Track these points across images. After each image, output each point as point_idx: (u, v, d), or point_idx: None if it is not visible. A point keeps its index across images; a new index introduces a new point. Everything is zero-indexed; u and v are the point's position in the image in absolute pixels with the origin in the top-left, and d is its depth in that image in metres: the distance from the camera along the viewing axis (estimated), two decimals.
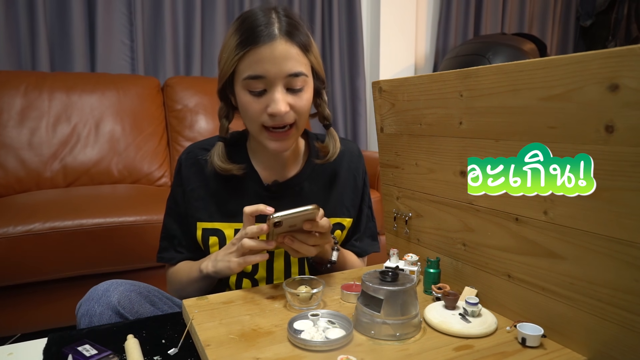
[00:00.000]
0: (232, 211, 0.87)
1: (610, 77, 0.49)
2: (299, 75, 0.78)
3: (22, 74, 1.87)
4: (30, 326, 1.40)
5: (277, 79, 0.77)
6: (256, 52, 0.76)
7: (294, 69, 0.77)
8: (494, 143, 0.65)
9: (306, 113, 0.83)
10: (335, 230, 0.94)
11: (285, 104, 0.78)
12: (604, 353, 0.53)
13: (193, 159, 0.90)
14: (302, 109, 0.81)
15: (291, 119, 0.80)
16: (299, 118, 0.81)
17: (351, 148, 0.98)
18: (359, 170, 0.98)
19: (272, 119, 0.79)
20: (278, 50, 0.76)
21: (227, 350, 0.57)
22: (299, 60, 0.79)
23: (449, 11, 2.91)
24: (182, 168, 0.91)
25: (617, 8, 3.35)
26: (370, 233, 1.02)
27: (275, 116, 0.78)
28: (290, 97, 0.79)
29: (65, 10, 2.03)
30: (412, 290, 0.62)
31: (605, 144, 0.50)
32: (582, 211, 0.54)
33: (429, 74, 0.76)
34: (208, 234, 0.87)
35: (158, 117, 2.08)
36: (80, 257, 1.37)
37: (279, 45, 0.76)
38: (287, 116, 0.79)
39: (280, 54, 0.76)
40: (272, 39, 0.76)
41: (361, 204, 0.99)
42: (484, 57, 2.30)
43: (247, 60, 0.77)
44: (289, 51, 0.77)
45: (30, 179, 1.75)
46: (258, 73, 0.76)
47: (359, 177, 0.98)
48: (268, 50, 0.76)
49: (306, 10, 2.61)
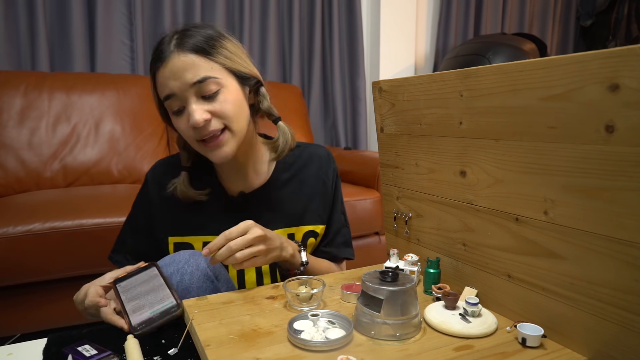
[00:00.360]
0: (200, 224, 0.89)
1: (611, 77, 0.49)
2: (203, 80, 0.76)
3: (22, 74, 1.87)
4: (30, 326, 1.40)
5: (185, 91, 0.77)
6: (160, 73, 0.78)
7: (195, 77, 0.76)
8: (494, 143, 0.65)
9: (235, 115, 0.80)
10: (309, 238, 0.94)
11: (201, 112, 0.77)
12: (604, 353, 0.53)
13: (159, 176, 0.92)
14: (225, 112, 0.78)
15: (217, 125, 0.79)
16: (228, 122, 0.79)
17: (320, 152, 0.97)
18: (329, 174, 0.97)
19: (197, 132, 0.79)
20: (175, 64, 0.76)
21: (227, 350, 0.57)
22: (200, 65, 0.77)
23: (449, 11, 2.91)
24: (148, 184, 0.93)
25: (617, 8, 3.35)
26: (344, 240, 1.00)
27: (197, 128, 0.78)
28: (208, 105, 0.78)
29: (65, 10, 2.03)
30: (412, 290, 0.62)
31: (605, 144, 0.50)
32: (582, 211, 0.54)
33: (429, 74, 0.76)
34: (179, 248, 0.89)
35: (158, 117, 2.07)
36: (80, 257, 1.37)
37: (173, 60, 0.76)
38: (209, 124, 0.78)
39: (178, 67, 0.76)
40: (166, 55, 0.77)
41: (332, 210, 0.98)
42: (484, 57, 2.30)
43: (157, 84, 0.80)
44: (185, 62, 0.76)
45: (30, 179, 1.75)
46: (167, 93, 0.78)
47: (328, 181, 0.96)
48: (166, 68, 0.77)
49: (306, 10, 2.61)
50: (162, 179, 0.91)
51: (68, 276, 1.38)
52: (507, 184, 0.64)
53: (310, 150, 0.97)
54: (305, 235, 0.94)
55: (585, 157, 0.53)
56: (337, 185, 0.99)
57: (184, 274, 0.74)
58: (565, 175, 0.55)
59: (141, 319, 0.65)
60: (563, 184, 0.56)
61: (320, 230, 0.95)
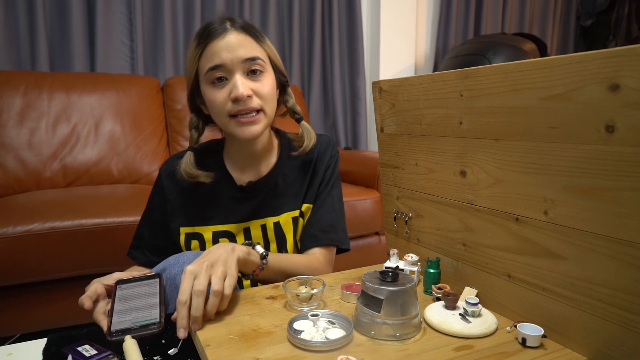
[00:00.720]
0: (209, 215, 0.92)
1: (611, 77, 0.49)
2: (255, 59, 0.83)
3: (21, 74, 1.87)
4: (30, 326, 1.40)
5: (235, 65, 0.81)
6: (212, 45, 0.82)
7: (249, 54, 0.82)
8: (494, 143, 0.65)
9: (271, 99, 0.86)
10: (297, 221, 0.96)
11: (246, 87, 0.81)
12: (604, 353, 0.53)
13: (171, 170, 0.93)
14: (265, 93, 0.84)
15: (256, 104, 0.82)
16: (265, 104, 0.84)
17: (322, 139, 1.00)
18: (325, 156, 0.98)
19: (236, 105, 0.81)
20: (231, 39, 0.82)
21: (227, 350, 0.57)
22: (253, 46, 0.84)
23: (449, 11, 2.91)
24: (161, 178, 0.96)
25: (617, 8, 3.35)
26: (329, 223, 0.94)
27: (239, 100, 0.81)
28: (252, 83, 0.83)
29: (65, 10, 2.03)
30: (412, 291, 0.62)
31: (605, 144, 0.50)
32: (582, 211, 0.54)
33: (429, 74, 0.76)
34: (190, 238, 0.92)
35: (158, 117, 2.08)
36: (80, 257, 1.37)
37: (232, 36, 0.82)
38: (250, 100, 0.82)
39: (234, 43, 0.81)
40: (224, 31, 0.82)
41: (320, 190, 0.96)
42: (484, 57, 2.30)
43: (205, 55, 0.83)
44: (243, 39, 0.83)
45: (30, 179, 1.75)
46: (216, 63, 0.81)
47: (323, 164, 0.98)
48: (222, 41, 0.81)
49: (306, 10, 2.61)
50: (173, 172, 0.93)
51: (68, 276, 1.38)
52: (507, 184, 0.64)
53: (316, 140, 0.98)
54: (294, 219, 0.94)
55: (586, 157, 0.53)
56: (333, 171, 0.99)
57: None
58: (566, 175, 0.55)
59: (120, 326, 0.63)
60: (563, 184, 0.56)
61: (305, 209, 0.95)
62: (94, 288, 0.73)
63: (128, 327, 0.63)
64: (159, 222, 0.95)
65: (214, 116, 0.87)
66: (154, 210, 0.97)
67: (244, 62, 0.82)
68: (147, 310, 0.66)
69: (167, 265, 0.77)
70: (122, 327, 0.63)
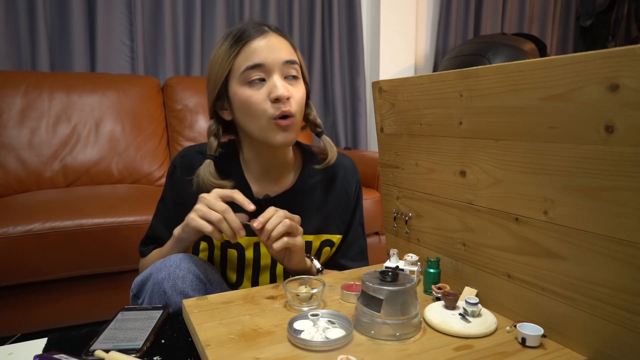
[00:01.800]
0: None
1: (610, 77, 0.49)
2: (294, 62, 0.82)
3: (22, 74, 1.87)
4: (30, 326, 1.40)
5: (275, 65, 0.79)
6: (251, 44, 0.79)
7: (290, 56, 0.81)
8: (494, 143, 0.65)
9: (302, 108, 0.85)
10: (325, 247, 0.93)
11: (287, 88, 0.79)
12: (604, 353, 0.53)
13: (188, 164, 0.89)
14: (299, 100, 0.82)
15: (293, 108, 0.80)
16: (297, 111, 0.82)
17: (346, 162, 0.97)
18: (352, 185, 0.96)
19: (276, 106, 0.79)
20: (272, 40, 0.80)
21: (227, 350, 0.57)
22: (292, 51, 0.83)
23: (449, 11, 2.91)
24: (176, 171, 0.90)
25: (617, 8, 3.35)
26: (359, 251, 0.99)
27: (280, 100, 0.78)
28: (289, 86, 0.81)
29: (65, 10, 2.03)
30: (412, 290, 0.62)
31: (605, 144, 0.50)
32: (582, 211, 0.54)
33: (429, 74, 0.76)
34: (199, 239, 0.88)
35: (158, 117, 2.08)
36: (80, 257, 1.37)
37: (273, 37, 0.80)
38: (289, 103, 0.80)
39: (274, 44, 0.80)
40: (264, 32, 0.80)
41: (351, 220, 0.97)
42: (484, 57, 2.30)
43: (243, 54, 0.80)
44: (283, 42, 0.82)
45: (30, 179, 1.75)
46: (256, 62, 0.79)
47: (351, 192, 0.96)
48: (263, 41, 0.79)
49: (306, 10, 2.61)
50: (189, 166, 0.88)
51: (68, 276, 1.38)
52: (507, 184, 0.64)
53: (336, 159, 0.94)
54: (322, 243, 0.93)
55: (585, 157, 0.53)
56: (358, 197, 0.98)
57: (176, 279, 0.73)
58: (565, 175, 0.56)
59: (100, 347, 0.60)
60: (563, 184, 0.56)
61: (336, 240, 0.94)
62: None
63: (107, 349, 0.59)
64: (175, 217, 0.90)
65: (249, 119, 0.81)
66: (168, 205, 0.92)
67: (284, 64, 0.80)
68: (134, 336, 0.64)
69: (154, 270, 0.76)
70: (102, 347, 0.60)
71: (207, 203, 0.74)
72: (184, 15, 2.29)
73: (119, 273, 1.45)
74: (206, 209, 0.74)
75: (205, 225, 0.73)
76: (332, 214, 0.93)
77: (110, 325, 0.67)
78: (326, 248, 0.93)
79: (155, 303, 0.74)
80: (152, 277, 0.76)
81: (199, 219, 0.74)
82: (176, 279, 0.73)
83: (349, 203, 0.96)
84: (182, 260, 0.76)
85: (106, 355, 0.57)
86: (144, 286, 0.78)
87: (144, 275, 0.78)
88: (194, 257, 0.78)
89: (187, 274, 0.74)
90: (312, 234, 0.91)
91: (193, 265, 0.76)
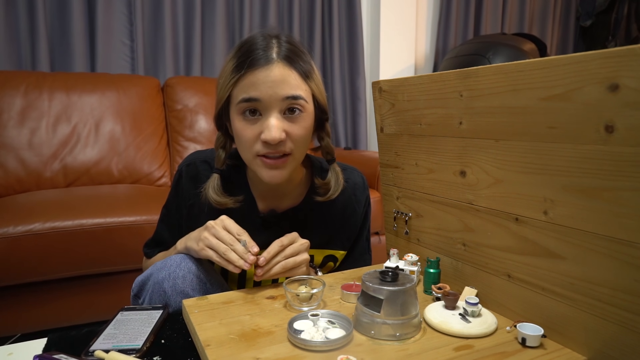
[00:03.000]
0: None
1: (610, 77, 0.49)
2: (297, 98, 0.74)
3: (22, 74, 1.87)
4: (30, 326, 1.40)
5: (273, 102, 0.73)
6: (252, 75, 0.73)
7: (291, 92, 0.74)
8: (494, 143, 0.65)
9: (305, 143, 0.79)
10: (328, 262, 0.92)
11: (280, 130, 0.73)
12: (604, 353, 0.53)
13: (194, 174, 0.87)
14: (299, 137, 0.76)
15: (287, 148, 0.76)
16: (296, 148, 0.77)
17: (355, 179, 0.94)
18: (361, 203, 0.94)
19: (265, 147, 0.75)
20: (275, 73, 0.73)
21: (227, 350, 0.57)
22: (297, 85, 0.75)
23: (449, 11, 2.91)
24: (182, 180, 0.89)
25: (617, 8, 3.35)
26: (365, 265, 0.97)
27: (269, 144, 0.74)
28: (287, 124, 0.75)
29: (65, 10, 2.03)
30: (412, 290, 0.62)
31: (605, 144, 0.50)
32: (582, 211, 0.54)
33: (429, 74, 0.76)
34: None
35: (158, 117, 2.08)
36: (80, 257, 1.37)
37: (276, 69, 0.73)
38: (282, 144, 0.75)
39: (277, 77, 0.73)
40: (269, 62, 0.73)
41: (358, 237, 0.96)
42: (484, 57, 2.30)
43: (242, 83, 0.74)
44: (288, 75, 0.74)
45: (30, 179, 1.75)
46: (252, 96, 0.73)
47: (360, 209, 0.94)
48: (264, 73, 0.73)
49: (306, 10, 2.61)
50: (195, 176, 0.87)
51: (68, 276, 1.38)
52: (507, 184, 0.64)
53: (346, 174, 0.92)
54: (325, 258, 0.92)
55: (585, 157, 0.53)
56: (367, 213, 0.96)
57: (176, 279, 0.73)
58: (565, 175, 0.56)
59: (100, 347, 0.60)
60: (563, 184, 0.56)
61: (340, 255, 0.93)
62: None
63: (107, 349, 0.59)
64: (179, 225, 0.90)
65: (239, 149, 0.80)
66: (173, 212, 0.91)
67: (284, 100, 0.73)
68: (134, 336, 0.63)
69: (154, 270, 0.76)
70: (102, 347, 0.60)
71: (215, 233, 0.74)
72: (184, 15, 2.29)
73: (119, 273, 1.45)
74: (214, 241, 0.73)
75: (212, 255, 0.73)
76: (338, 231, 0.92)
77: (110, 325, 0.67)
78: (329, 263, 0.93)
79: (156, 303, 0.74)
80: (152, 276, 0.76)
81: (207, 249, 0.73)
82: (176, 279, 0.73)
83: (357, 221, 0.94)
84: (182, 260, 0.76)
85: (106, 356, 0.56)
86: (144, 286, 0.78)
87: (144, 275, 0.78)
88: (195, 257, 0.78)
89: (187, 274, 0.74)
90: (316, 249, 0.90)
91: (193, 265, 0.76)
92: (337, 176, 0.86)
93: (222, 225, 0.74)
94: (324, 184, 0.86)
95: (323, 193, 0.86)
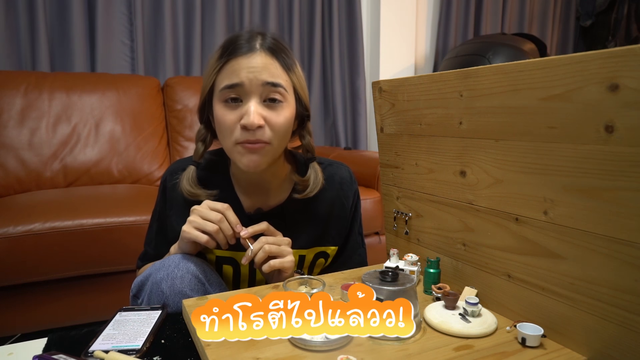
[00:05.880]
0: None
1: (610, 77, 0.49)
2: (277, 86, 0.76)
3: (22, 74, 1.87)
4: (30, 326, 1.40)
5: (253, 87, 0.75)
6: (234, 62, 0.76)
7: (271, 78, 0.75)
8: (494, 143, 0.65)
9: (284, 134, 0.79)
10: (319, 259, 0.92)
11: (259, 116, 0.74)
12: (604, 353, 0.53)
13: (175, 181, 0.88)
14: (279, 126, 0.77)
15: (266, 137, 0.76)
16: (275, 137, 0.77)
17: (342, 173, 0.94)
18: (349, 197, 0.94)
19: (244, 133, 0.75)
20: (257, 60, 0.75)
21: (227, 350, 0.57)
22: (279, 74, 0.77)
23: (449, 11, 2.91)
24: (166, 190, 0.90)
25: (617, 8, 3.35)
26: (359, 260, 0.97)
27: (248, 129, 0.74)
28: (267, 112, 0.76)
29: (65, 10, 2.03)
30: (412, 290, 0.62)
31: (605, 144, 0.50)
32: (582, 211, 0.54)
33: (429, 74, 0.76)
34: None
35: (158, 117, 2.08)
36: (80, 257, 1.37)
37: (258, 57, 0.76)
38: (260, 132, 0.75)
39: (258, 64, 0.75)
40: (252, 50, 0.76)
41: (349, 232, 0.96)
42: (484, 57, 2.30)
43: (225, 70, 0.76)
44: (270, 63, 0.76)
45: (30, 179, 1.75)
46: (234, 81, 0.75)
47: (348, 203, 0.94)
48: (246, 60, 0.75)
49: (306, 10, 2.61)
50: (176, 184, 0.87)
51: (68, 276, 1.38)
52: (507, 184, 0.64)
53: (331, 170, 0.93)
54: (316, 256, 0.92)
55: (585, 157, 0.53)
56: (356, 207, 0.96)
57: (174, 279, 0.73)
58: (565, 175, 0.56)
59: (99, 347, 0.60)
60: (563, 184, 0.56)
61: (331, 251, 0.93)
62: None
63: (107, 350, 0.59)
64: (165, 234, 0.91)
65: (220, 137, 0.81)
66: (161, 219, 0.92)
67: (264, 85, 0.75)
68: (134, 337, 0.63)
69: (153, 270, 0.76)
70: (101, 348, 0.60)
71: (201, 214, 0.75)
72: (184, 15, 2.29)
73: (119, 273, 1.45)
74: (201, 221, 0.75)
75: (200, 236, 0.74)
76: (327, 226, 0.91)
77: (109, 325, 0.67)
78: (320, 260, 0.92)
79: (154, 303, 0.74)
80: (151, 277, 0.76)
81: (194, 230, 0.75)
82: (174, 279, 0.73)
83: (346, 215, 0.94)
84: (180, 261, 0.76)
85: (105, 356, 0.56)
86: (143, 286, 0.78)
87: (143, 276, 0.78)
88: (193, 257, 0.78)
89: (186, 274, 0.74)
90: (306, 248, 0.90)
91: (192, 265, 0.76)
92: (316, 174, 0.87)
93: (206, 206, 0.76)
94: (303, 181, 0.86)
95: (301, 190, 0.86)
